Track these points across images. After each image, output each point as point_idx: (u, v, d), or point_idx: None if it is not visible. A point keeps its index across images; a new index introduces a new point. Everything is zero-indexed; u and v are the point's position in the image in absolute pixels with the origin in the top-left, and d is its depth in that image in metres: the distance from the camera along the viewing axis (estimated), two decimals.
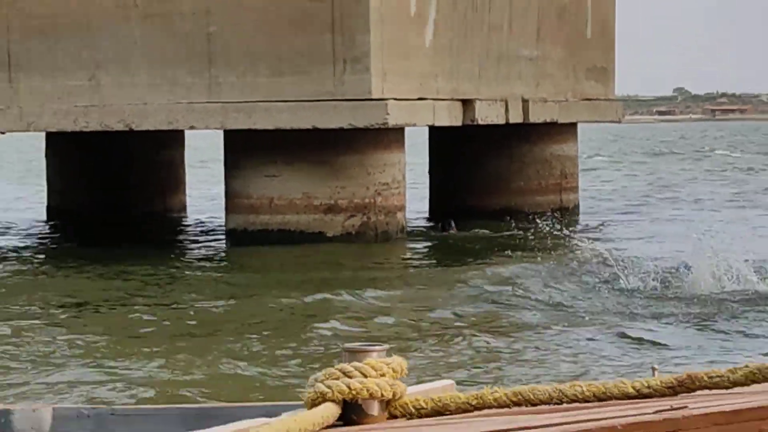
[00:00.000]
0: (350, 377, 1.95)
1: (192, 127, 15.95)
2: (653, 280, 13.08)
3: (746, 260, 13.56)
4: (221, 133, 16.32)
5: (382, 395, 2.00)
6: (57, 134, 18.40)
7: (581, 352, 9.57)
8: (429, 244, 17.03)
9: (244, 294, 12.76)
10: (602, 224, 20.11)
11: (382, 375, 1.98)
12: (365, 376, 1.97)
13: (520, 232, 16.95)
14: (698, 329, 10.70)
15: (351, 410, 1.97)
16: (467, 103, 16.52)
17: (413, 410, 2.08)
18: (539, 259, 14.37)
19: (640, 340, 9.98)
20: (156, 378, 8.69)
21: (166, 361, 9.23)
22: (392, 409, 2.06)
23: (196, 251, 16.97)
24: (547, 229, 16.35)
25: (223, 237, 16.79)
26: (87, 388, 8.17)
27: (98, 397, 8.04)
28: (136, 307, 11.77)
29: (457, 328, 10.40)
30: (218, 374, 8.72)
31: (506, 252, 15.21)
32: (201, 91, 14.86)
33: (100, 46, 15.20)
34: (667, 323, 10.96)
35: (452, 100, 16.26)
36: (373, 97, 14.54)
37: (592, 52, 20.47)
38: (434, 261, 15.51)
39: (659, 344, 9.85)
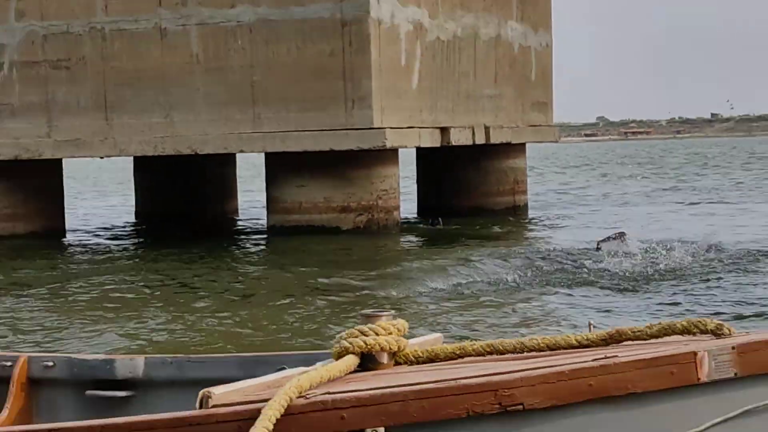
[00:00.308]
0: (366, 336, 2.16)
1: (241, 151, 15.54)
2: (585, 258, 13.66)
3: (656, 241, 13.98)
4: (263, 155, 15.89)
5: (390, 349, 2.20)
6: (141, 158, 17.77)
7: (532, 312, 9.52)
8: (418, 235, 16.46)
9: (281, 271, 12.54)
10: (545, 217, 19.77)
11: (390, 333, 2.20)
12: (377, 335, 2.17)
13: (487, 226, 17.25)
14: (623, 294, 10.61)
15: (367, 360, 2.17)
16: (444, 130, 16.01)
17: (413, 359, 2.28)
18: (497, 245, 14.39)
19: (578, 303, 9.90)
20: (218, 330, 8.91)
21: (226, 318, 9.47)
22: (397, 358, 2.25)
23: (246, 241, 16.69)
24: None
25: (265, 231, 16.25)
26: (165, 338, 8.60)
27: (174, 343, 8.28)
28: (201, 281, 11.89)
29: (437, 296, 10.37)
30: (264, 327, 8.90)
31: (474, 240, 15.16)
32: (247, 125, 14.29)
33: (172, 92, 14.51)
34: (599, 290, 10.81)
35: (433, 128, 15.84)
36: (375, 126, 14.14)
37: (535, 91, 19.94)
38: (421, 247, 15.16)
39: (593, 306, 9.69)
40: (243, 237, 17.23)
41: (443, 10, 15.74)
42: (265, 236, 15.84)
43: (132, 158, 18.26)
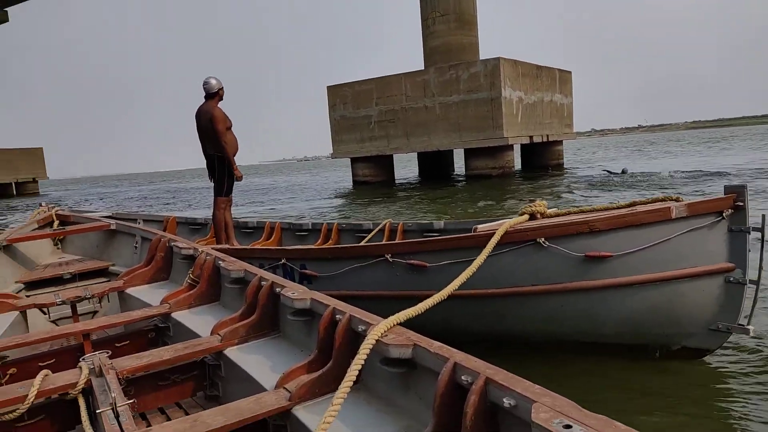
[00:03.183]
0: (532, 206, 3.48)
1: (455, 148, 21.06)
2: (611, 176, 17.28)
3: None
4: (462, 150, 20.99)
5: (541, 211, 3.44)
6: (420, 153, 23.59)
7: (592, 194, 11.88)
8: (523, 178, 19.82)
9: (480, 188, 16.30)
10: (574, 169, 23.35)
11: (540, 206, 3.46)
12: (535, 206, 3.41)
13: (555, 172, 22.37)
14: (630, 186, 13.10)
15: (532, 217, 3.43)
16: (531, 137, 21.21)
17: (549, 215, 3.48)
18: (564, 176, 19.40)
19: (611, 193, 12.14)
20: (466, 213, 10.58)
21: (473, 208, 11.22)
22: (544, 215, 3.45)
23: (458, 182, 20.38)
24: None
25: (464, 177, 21.07)
26: (444, 215, 10.51)
27: (454, 215, 10.34)
28: (449, 195, 14.98)
29: (551, 192, 13.00)
30: (486, 212, 10.74)
31: (550, 175, 20.12)
32: (457, 138, 19.61)
33: (429, 128, 20.44)
34: (620, 187, 13.68)
35: (526, 135, 20.82)
36: (504, 137, 19.24)
37: (566, 120, 24.86)
38: (524, 178, 19.08)
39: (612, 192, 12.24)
40: (458, 180, 21.63)
41: (529, 91, 21.14)
42: (465, 180, 20.79)
43: (416, 153, 23.73)
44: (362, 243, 5.24)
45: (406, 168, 33.59)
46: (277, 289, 2.53)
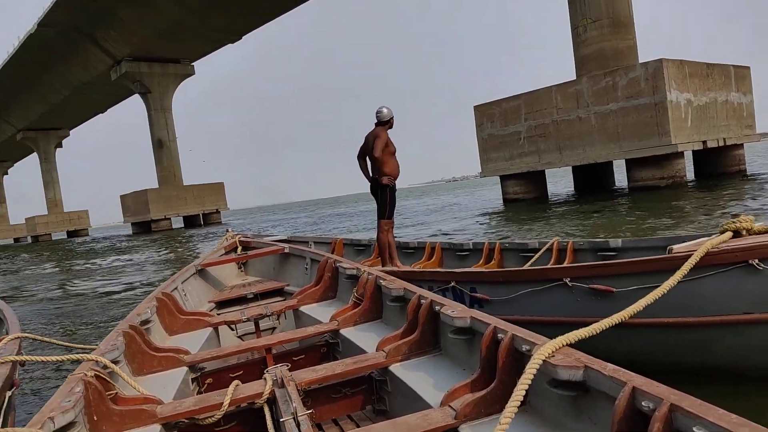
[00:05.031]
0: (736, 222, 2.95)
1: (614, 159, 19.80)
2: None
3: None
4: (623, 161, 19.74)
5: (748, 228, 2.89)
6: (576, 167, 22.11)
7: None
8: (698, 188, 17.88)
9: (650, 202, 15.01)
10: (760, 174, 21.16)
11: (748, 221, 2.94)
12: (741, 222, 2.91)
13: (739, 177, 20.42)
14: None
15: (737, 234, 2.96)
16: (704, 143, 19.64)
17: (757, 231, 2.97)
18: (748, 182, 17.75)
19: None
20: (647, 228, 9.83)
21: (649, 225, 10.26)
22: (751, 232, 2.95)
23: (621, 194, 19.46)
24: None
25: (627, 190, 19.98)
26: (626, 233, 9.45)
27: (633, 234, 9.31)
28: (616, 209, 14.13)
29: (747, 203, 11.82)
30: (670, 226, 9.52)
31: (736, 181, 18.61)
32: (617, 149, 19.11)
33: (584, 140, 19.70)
34: None
35: (699, 141, 19.40)
36: (672, 143, 18.02)
37: (746, 120, 22.51)
38: (708, 189, 17.17)
39: None
40: (620, 194, 19.85)
41: (699, 92, 19.51)
42: (628, 193, 19.38)
43: (571, 167, 22.34)
44: (529, 263, 5.01)
45: (560, 183, 32.71)
46: (437, 308, 2.56)
